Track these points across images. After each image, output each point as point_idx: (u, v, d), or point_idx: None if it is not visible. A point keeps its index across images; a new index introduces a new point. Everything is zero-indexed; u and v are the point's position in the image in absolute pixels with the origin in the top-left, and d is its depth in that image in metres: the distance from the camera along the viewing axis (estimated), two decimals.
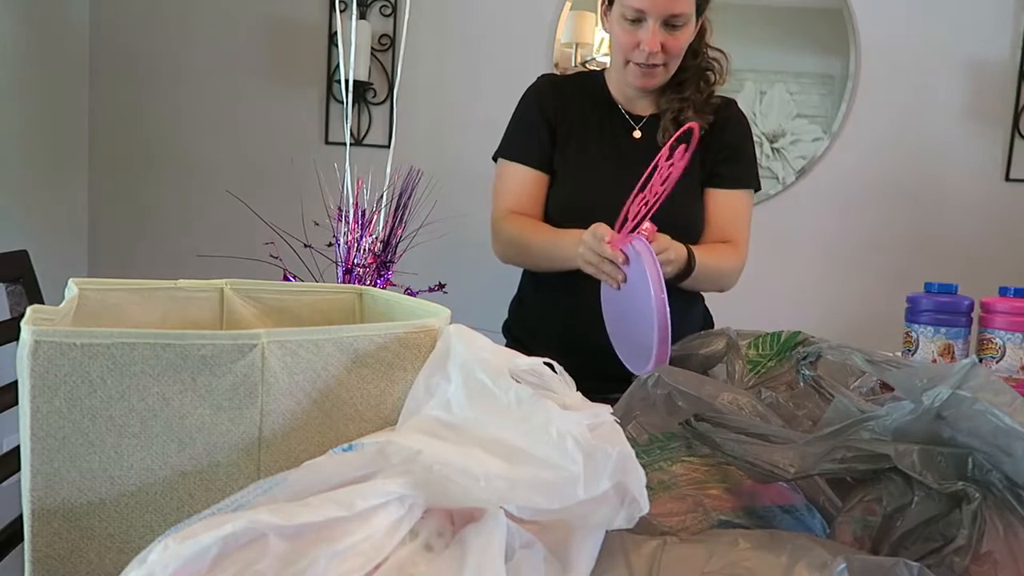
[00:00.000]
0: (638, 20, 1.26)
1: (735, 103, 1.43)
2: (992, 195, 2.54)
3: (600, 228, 1.10)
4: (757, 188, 1.43)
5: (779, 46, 2.55)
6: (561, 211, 1.39)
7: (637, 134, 1.39)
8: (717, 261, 1.30)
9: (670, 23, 1.26)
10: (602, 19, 1.37)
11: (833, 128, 2.53)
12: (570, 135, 1.39)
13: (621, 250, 1.04)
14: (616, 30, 1.30)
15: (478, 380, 0.59)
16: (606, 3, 1.34)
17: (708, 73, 1.38)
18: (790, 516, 0.72)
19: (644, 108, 1.41)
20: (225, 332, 0.58)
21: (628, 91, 1.40)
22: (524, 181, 1.41)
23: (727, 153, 1.39)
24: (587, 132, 1.40)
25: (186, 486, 0.58)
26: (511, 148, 1.44)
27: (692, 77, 1.36)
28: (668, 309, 0.94)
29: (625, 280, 1.06)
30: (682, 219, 1.34)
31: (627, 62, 1.31)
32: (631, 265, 1.04)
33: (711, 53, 1.39)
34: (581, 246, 1.12)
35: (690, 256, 1.21)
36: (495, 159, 1.47)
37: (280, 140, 2.59)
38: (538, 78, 1.47)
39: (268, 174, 2.57)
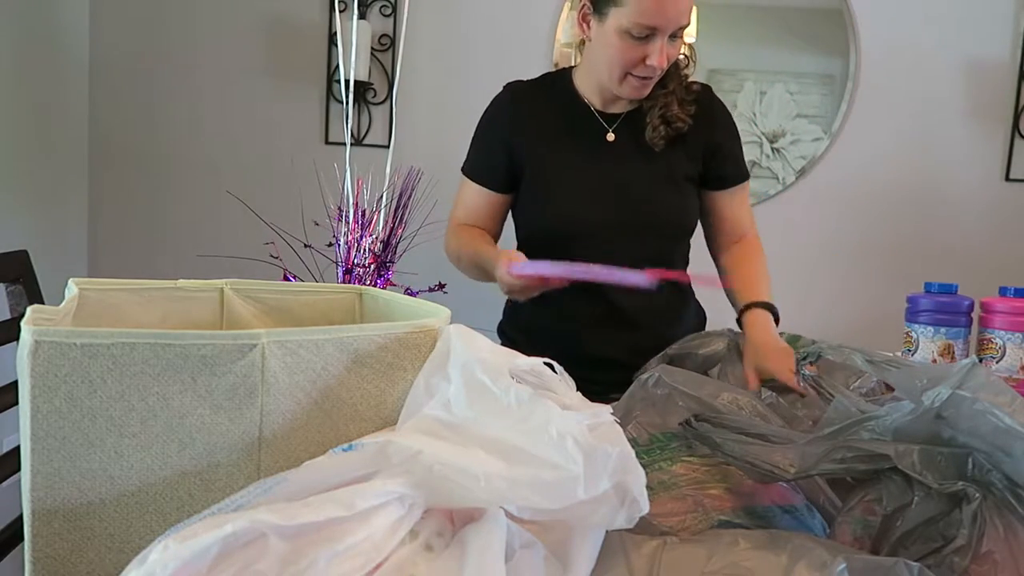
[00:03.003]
0: (647, 36, 1.22)
1: (711, 89, 1.42)
2: (992, 195, 2.54)
3: (500, 267, 1.18)
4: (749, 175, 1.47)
5: (779, 46, 2.55)
6: (543, 231, 1.38)
7: (611, 136, 1.37)
8: (766, 276, 1.36)
9: (675, 34, 1.24)
10: (580, 24, 1.31)
11: (833, 128, 2.53)
12: (539, 144, 1.37)
13: (523, 274, 1.16)
14: (616, 45, 1.25)
15: (478, 380, 0.59)
16: (588, 10, 1.28)
17: (683, 63, 1.39)
18: (790, 516, 0.72)
19: (619, 107, 1.38)
20: (225, 332, 0.58)
21: (607, 94, 1.37)
22: (480, 202, 1.43)
23: (724, 154, 1.39)
24: (558, 139, 1.38)
25: (186, 486, 0.58)
26: (471, 167, 1.44)
27: (671, 70, 1.35)
28: (585, 269, 1.11)
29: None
30: (671, 218, 1.37)
31: (625, 75, 1.28)
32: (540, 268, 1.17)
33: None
34: (500, 284, 1.23)
35: (772, 309, 1.25)
36: (462, 172, 1.46)
37: (280, 140, 2.58)
38: (503, 88, 1.45)
39: (268, 174, 2.57)
